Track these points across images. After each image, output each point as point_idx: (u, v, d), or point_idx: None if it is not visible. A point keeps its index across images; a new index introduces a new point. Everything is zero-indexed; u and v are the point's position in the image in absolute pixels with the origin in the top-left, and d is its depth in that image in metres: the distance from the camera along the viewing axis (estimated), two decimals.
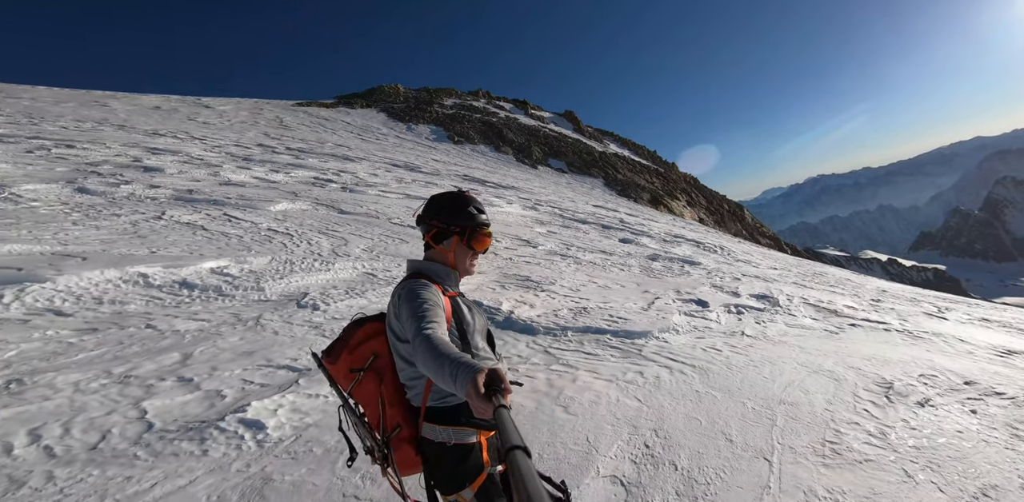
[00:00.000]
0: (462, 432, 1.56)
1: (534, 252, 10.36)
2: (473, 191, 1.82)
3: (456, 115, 49.10)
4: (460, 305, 1.69)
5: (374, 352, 1.64)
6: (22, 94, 28.38)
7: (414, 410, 1.61)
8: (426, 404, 1.57)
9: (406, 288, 1.58)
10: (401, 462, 1.57)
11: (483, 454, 1.60)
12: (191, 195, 10.71)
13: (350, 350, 1.65)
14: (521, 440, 0.83)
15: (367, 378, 1.62)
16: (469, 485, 1.53)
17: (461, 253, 1.75)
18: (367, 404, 1.64)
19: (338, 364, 1.66)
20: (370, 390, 1.61)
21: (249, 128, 30.85)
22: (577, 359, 4.46)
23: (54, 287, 4.68)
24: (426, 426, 1.57)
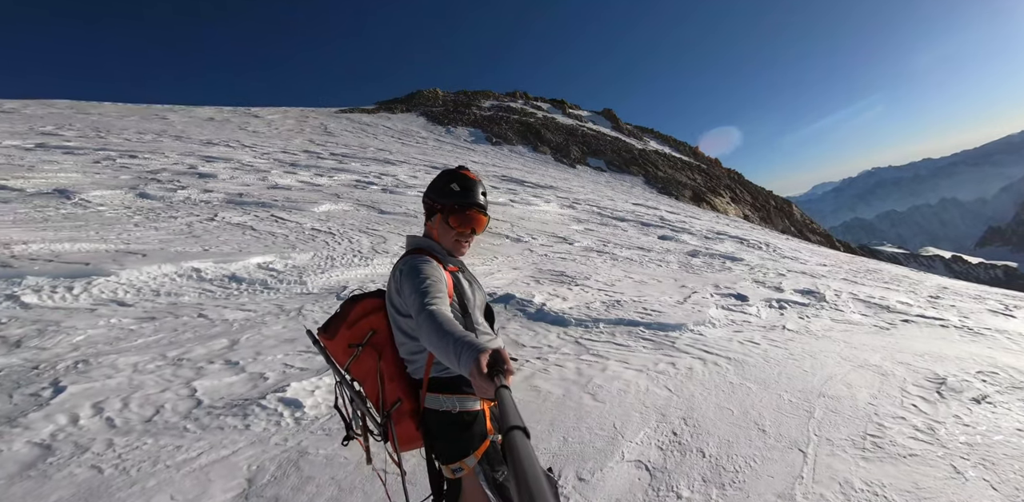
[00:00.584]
0: (466, 399, 1.56)
1: (570, 249, 10.33)
2: (467, 168, 1.75)
3: (494, 117, 49.50)
4: (461, 280, 1.68)
5: (372, 327, 1.63)
6: (91, 110, 30.71)
7: (414, 384, 1.61)
8: (428, 376, 1.57)
9: (408, 263, 1.57)
10: (401, 436, 1.57)
11: (486, 422, 1.60)
12: (241, 198, 11.28)
13: (348, 325, 1.64)
14: (521, 420, 0.84)
15: (365, 353, 1.61)
16: (473, 452, 1.53)
17: (443, 230, 1.71)
18: (365, 379, 1.64)
19: (336, 340, 1.66)
20: (368, 365, 1.61)
21: (296, 135, 32.17)
22: (608, 350, 4.43)
23: (117, 280, 5.07)
24: (429, 396, 1.56)
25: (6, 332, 3.82)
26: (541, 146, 43.06)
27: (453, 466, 1.53)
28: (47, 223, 7.11)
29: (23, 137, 16.92)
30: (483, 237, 10.51)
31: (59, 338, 3.81)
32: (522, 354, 4.28)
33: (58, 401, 2.95)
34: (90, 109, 31.10)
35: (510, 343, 4.57)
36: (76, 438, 2.64)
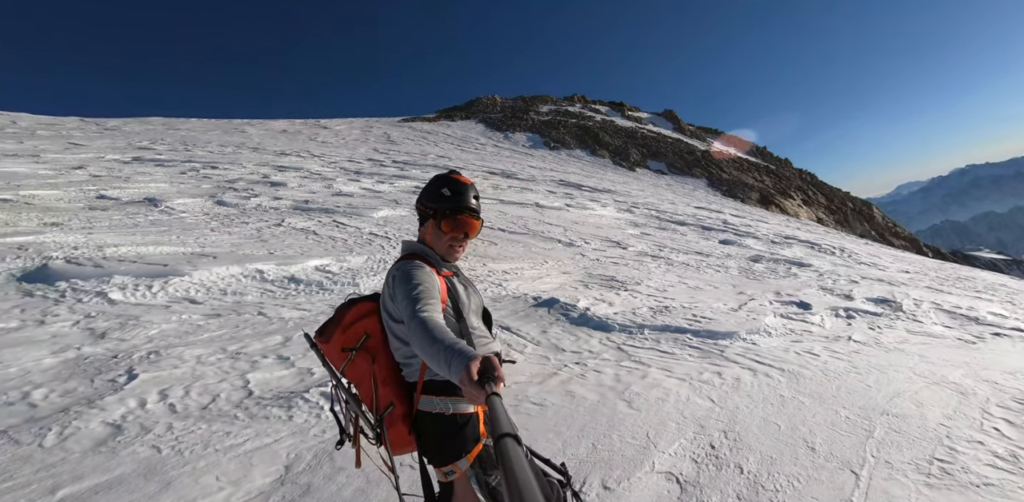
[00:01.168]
0: (459, 402, 1.54)
1: (623, 253, 10.13)
2: (458, 173, 1.74)
3: (552, 121, 49.55)
4: (455, 285, 1.66)
5: (366, 331, 1.63)
6: (180, 126, 33.82)
7: (408, 387, 1.60)
8: (423, 379, 1.55)
9: (400, 269, 1.57)
10: (394, 440, 1.56)
11: (480, 425, 1.57)
12: (307, 205, 11.97)
13: (342, 329, 1.65)
14: (512, 428, 0.84)
15: (359, 357, 1.61)
16: (466, 455, 1.51)
17: (435, 235, 1.70)
18: (360, 383, 1.63)
19: (331, 343, 1.66)
20: (363, 369, 1.61)
21: (360, 144, 33.77)
22: (651, 357, 4.29)
23: (190, 280, 5.53)
24: (423, 399, 1.55)
25: (94, 324, 4.27)
26: (599, 150, 42.57)
27: (445, 469, 1.52)
28: (136, 228, 7.89)
29: (122, 151, 18.89)
30: (535, 242, 10.52)
31: (137, 331, 4.21)
32: (560, 359, 4.24)
33: (130, 387, 3.26)
34: (179, 125, 34.27)
35: (550, 347, 4.53)
36: (142, 420, 2.90)
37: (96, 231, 7.48)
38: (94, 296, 4.86)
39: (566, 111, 55.56)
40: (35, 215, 8.06)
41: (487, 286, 6.65)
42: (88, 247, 6.36)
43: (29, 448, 2.59)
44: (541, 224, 12.76)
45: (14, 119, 29.49)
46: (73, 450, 2.60)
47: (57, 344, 3.85)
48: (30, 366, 3.48)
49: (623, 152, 42.30)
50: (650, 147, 44.23)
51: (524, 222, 12.78)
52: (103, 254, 6.09)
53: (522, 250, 9.57)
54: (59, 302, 4.66)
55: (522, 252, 9.37)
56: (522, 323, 5.15)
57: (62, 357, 3.65)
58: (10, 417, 2.87)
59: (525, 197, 18.04)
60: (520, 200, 16.93)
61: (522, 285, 6.82)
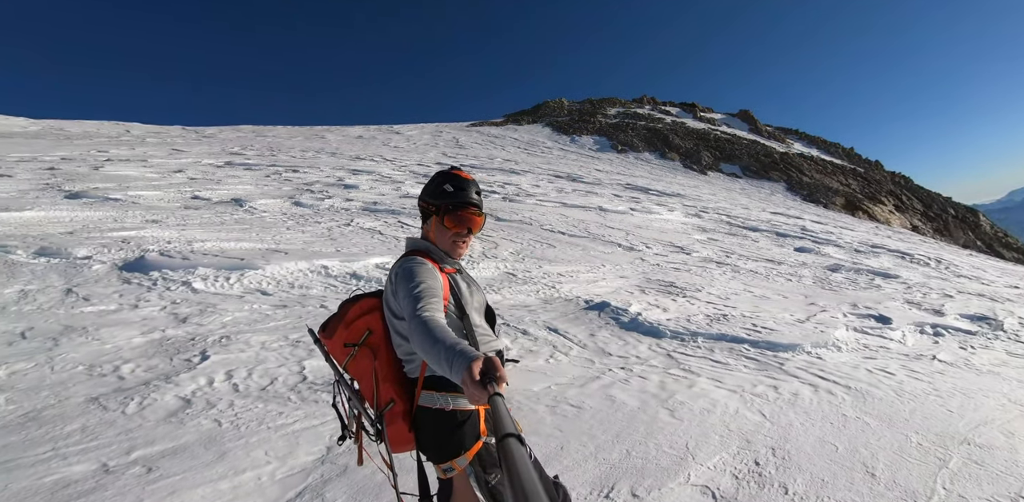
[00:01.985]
0: (459, 398, 1.53)
1: (686, 259, 9.76)
2: (460, 169, 1.71)
3: (619, 124, 48.69)
4: (458, 282, 1.64)
5: (369, 328, 1.63)
6: (267, 133, 36.60)
7: (410, 384, 1.58)
8: (424, 374, 1.54)
9: (403, 266, 1.56)
10: (393, 437, 1.55)
11: (480, 423, 1.55)
12: (375, 206, 12.54)
13: (345, 325, 1.65)
14: (515, 428, 0.83)
15: (361, 353, 1.61)
16: (465, 452, 1.49)
17: (439, 232, 1.67)
18: (361, 379, 1.63)
19: (333, 339, 1.67)
20: (364, 365, 1.61)
21: (430, 149, 34.90)
22: (701, 366, 4.10)
23: (263, 274, 5.98)
24: (424, 394, 1.54)
25: (178, 310, 4.73)
26: (669, 152, 41.27)
27: (444, 466, 1.51)
28: (222, 226, 8.65)
29: (216, 157, 20.76)
30: (594, 245, 10.40)
31: (213, 317, 4.62)
32: (605, 363, 4.15)
33: (202, 366, 3.58)
34: (266, 132, 37.14)
35: (596, 351, 4.46)
36: (208, 397, 3.18)
37: (188, 228, 8.28)
38: (180, 285, 5.38)
39: (634, 113, 54.37)
40: (139, 213, 9.06)
41: (540, 288, 6.65)
42: (179, 242, 7.06)
43: (114, 414, 2.93)
44: (602, 228, 12.57)
45: (128, 128, 33.33)
46: (149, 418, 2.90)
47: (146, 326, 4.30)
48: (122, 344, 3.92)
49: (694, 155, 40.73)
50: (723, 149, 42.26)
51: (585, 226, 12.65)
52: (191, 248, 6.73)
53: (580, 253, 9.49)
54: (151, 289, 5.21)
55: (580, 255, 9.29)
56: (570, 325, 5.10)
57: (149, 337, 4.08)
58: (102, 387, 3.25)
59: (589, 201, 17.87)
60: (583, 204, 16.79)
61: (576, 288, 6.76)
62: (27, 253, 5.95)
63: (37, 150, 18.91)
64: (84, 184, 11.87)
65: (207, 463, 2.52)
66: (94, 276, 5.48)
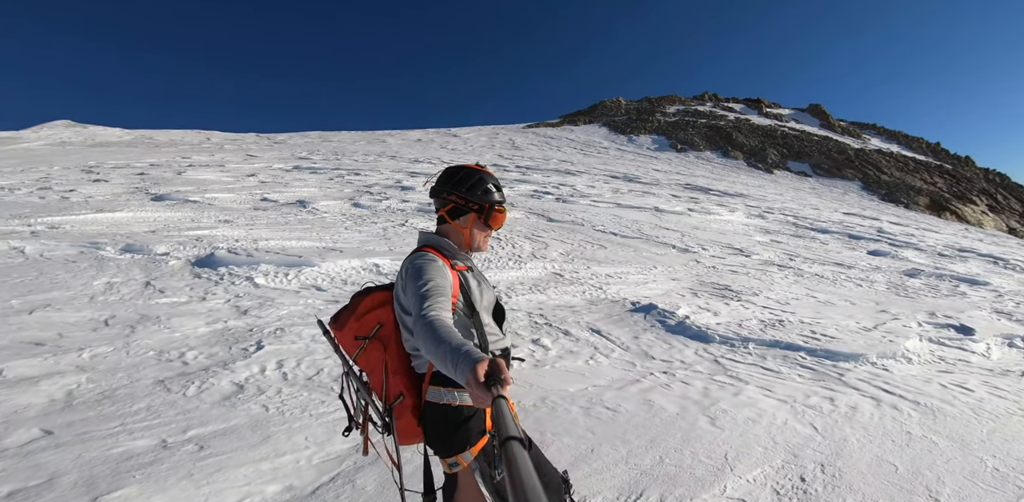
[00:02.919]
0: (466, 394, 1.51)
1: (745, 261, 9.31)
2: (484, 166, 1.72)
3: (679, 122, 47.17)
4: (469, 280, 1.64)
5: (379, 321, 1.63)
6: (332, 138, 38.44)
7: (417, 379, 1.60)
8: (432, 370, 1.56)
9: (413, 263, 1.56)
10: (402, 430, 1.57)
11: (486, 418, 1.55)
12: (429, 207, 12.82)
13: (356, 317, 1.65)
14: (517, 431, 0.84)
15: (372, 346, 1.61)
16: (470, 448, 1.50)
17: (478, 230, 1.70)
18: (371, 372, 1.64)
19: (344, 331, 1.67)
20: (375, 358, 1.61)
21: (487, 151, 35.34)
22: (750, 373, 3.88)
23: (319, 270, 6.28)
24: (431, 389, 1.55)
25: (240, 303, 5.06)
26: (732, 151, 39.51)
27: (450, 460, 1.51)
28: (286, 226, 9.18)
29: (286, 161, 22.04)
30: (646, 246, 10.14)
31: (271, 310, 4.90)
32: (647, 366, 4.03)
33: (256, 355, 3.81)
34: (332, 137, 39.03)
35: (639, 354, 4.33)
36: (259, 383, 3.38)
37: (255, 227, 8.85)
38: (244, 280, 5.76)
39: (695, 111, 52.48)
40: (213, 213, 9.78)
41: (586, 289, 6.56)
42: (246, 240, 7.56)
43: (176, 395, 3.17)
44: (657, 229, 12.23)
45: (208, 136, 36.11)
46: (205, 401, 3.12)
47: (211, 317, 4.64)
48: (189, 333, 4.24)
49: (759, 153, 38.74)
50: (791, 146, 39.90)
51: (639, 226, 12.36)
52: (256, 246, 7.19)
53: (632, 254, 9.28)
54: (218, 283, 5.61)
55: (631, 256, 9.08)
56: (614, 327, 4.99)
57: (212, 327, 4.40)
58: (168, 371, 3.53)
59: (645, 201, 17.45)
60: (639, 204, 16.42)
61: (623, 289, 6.61)
62: (115, 249, 6.58)
63: (130, 157, 20.90)
64: (168, 187, 12.99)
65: (252, 445, 2.67)
66: (170, 271, 5.97)
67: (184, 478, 2.37)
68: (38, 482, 2.31)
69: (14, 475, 2.35)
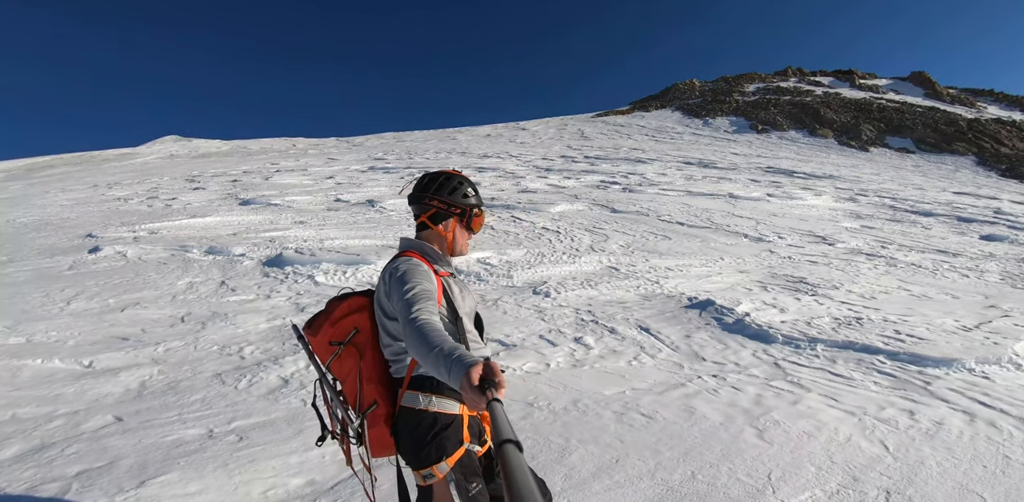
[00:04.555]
0: (444, 401, 1.49)
1: (827, 250, 8.46)
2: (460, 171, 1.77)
3: (759, 101, 43.86)
4: (451, 286, 1.61)
5: (356, 326, 1.59)
6: (405, 138, 39.83)
7: (394, 385, 1.56)
8: (411, 374, 1.52)
9: (397, 267, 1.54)
10: (374, 441, 1.52)
11: (463, 429, 1.50)
12: (492, 202, 12.93)
13: (331, 323, 1.61)
14: (513, 434, 0.82)
15: (346, 352, 1.58)
16: (446, 459, 1.44)
17: (460, 234, 1.72)
18: (345, 379, 1.60)
19: (318, 337, 1.63)
20: (349, 365, 1.58)
21: (555, 143, 35.00)
22: (814, 379, 3.48)
23: (375, 268, 6.51)
24: (408, 394, 1.51)
25: (300, 300, 5.36)
26: (820, 128, 36.11)
27: (424, 472, 1.46)
28: (353, 225, 9.62)
29: (362, 163, 23.16)
30: (715, 236, 9.52)
31: None
32: (695, 369, 3.74)
33: None
34: (405, 137, 40.48)
35: (688, 354, 4.04)
36: (303, 378, 3.54)
37: (325, 227, 9.37)
38: (306, 278, 6.10)
39: (777, 88, 48.38)
40: (290, 216, 10.48)
41: (642, 283, 6.26)
42: (314, 240, 8.01)
43: (228, 388, 3.40)
44: (729, 217, 11.46)
45: (294, 143, 38.82)
46: (253, 394, 3.32)
47: (272, 314, 4.95)
48: (251, 328, 4.55)
49: (852, 129, 35.03)
50: (890, 120, 35.65)
51: (709, 215, 11.64)
52: (321, 246, 7.60)
53: (698, 245, 8.75)
54: (283, 282, 5.98)
55: (697, 247, 8.57)
56: (665, 325, 4.71)
57: (272, 324, 4.69)
58: (227, 365, 3.81)
59: (719, 188, 16.43)
60: (712, 191, 15.49)
61: (682, 283, 6.24)
62: (200, 251, 7.24)
63: (227, 166, 22.98)
64: (255, 192, 14.12)
65: (285, 438, 2.80)
66: (243, 270, 6.46)
67: (220, 467, 2.53)
68: (101, 464, 2.56)
69: (85, 457, 2.62)
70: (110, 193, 14.88)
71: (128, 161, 30.32)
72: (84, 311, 4.94)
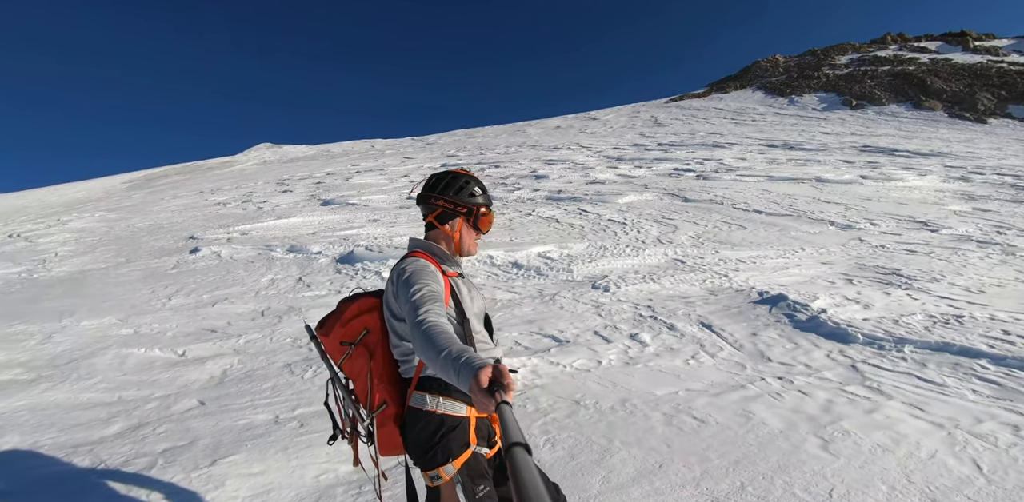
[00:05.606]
0: (451, 403, 1.50)
1: (929, 237, 7.53)
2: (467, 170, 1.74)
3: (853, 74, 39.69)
4: (459, 286, 1.61)
5: (366, 327, 1.62)
6: (476, 134, 40.38)
7: (403, 387, 1.59)
8: (419, 375, 1.54)
9: (405, 268, 1.55)
10: (383, 440, 1.56)
11: (471, 432, 1.50)
12: (559, 195, 12.82)
13: (342, 324, 1.65)
14: (523, 437, 0.83)
15: (357, 352, 1.61)
16: (452, 461, 1.45)
17: (467, 234, 1.71)
18: (356, 378, 1.64)
19: (330, 337, 1.67)
20: (360, 365, 1.61)
21: (627, 131, 33.99)
22: (898, 385, 3.11)
23: None
24: (415, 395, 1.52)
25: None
26: (927, 100, 32.01)
27: (431, 473, 1.47)
28: (421, 222, 9.95)
29: (435, 160, 23.86)
30: (796, 224, 8.80)
31: None
32: (759, 370, 3.49)
33: None
34: (476, 133, 41.08)
35: (753, 354, 3.77)
36: None
37: (396, 225, 9.78)
38: (373, 274, 6.42)
39: (874, 58, 43.33)
40: (365, 214, 11.04)
41: (708, 276, 5.93)
42: (383, 237, 8.39)
43: (296, 378, 3.68)
44: (814, 203, 10.53)
45: (372, 144, 40.71)
46: (316, 383, 3.56)
47: None
48: None
49: (966, 99, 30.67)
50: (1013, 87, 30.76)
51: (791, 201, 10.78)
52: (390, 242, 7.95)
53: (776, 235, 8.13)
54: (353, 278, 6.34)
55: (775, 237, 7.97)
56: (729, 321, 4.42)
57: None
58: (296, 356, 4.11)
59: (804, 171, 15.15)
60: (796, 175, 14.30)
61: (753, 276, 5.83)
62: (283, 250, 7.84)
63: (313, 169, 24.62)
64: (335, 193, 15.02)
65: None
66: (319, 267, 6.92)
67: (281, 451, 2.73)
68: (183, 443, 2.86)
69: (170, 436, 2.95)
70: (212, 198, 16.52)
71: (228, 169, 33.46)
72: (182, 306, 5.54)
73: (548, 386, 3.38)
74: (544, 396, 3.24)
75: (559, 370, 3.64)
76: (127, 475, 2.56)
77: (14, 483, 2.51)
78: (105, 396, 3.53)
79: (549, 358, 3.82)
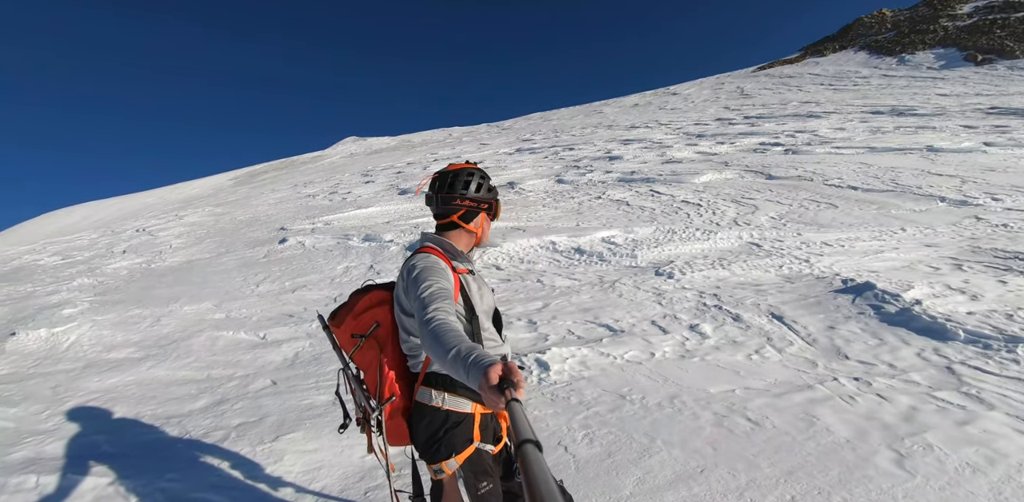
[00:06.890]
0: (456, 399, 1.53)
1: None
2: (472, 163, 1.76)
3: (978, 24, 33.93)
4: (469, 283, 1.60)
5: (377, 320, 1.65)
6: (551, 117, 39.83)
7: (410, 382, 1.61)
8: (426, 370, 1.56)
9: (415, 264, 1.56)
10: (392, 431, 1.59)
11: (475, 427, 1.53)
12: (632, 176, 12.35)
13: (354, 316, 1.68)
14: (533, 434, 0.84)
15: (368, 345, 1.64)
16: (455, 456, 1.48)
17: (487, 226, 1.76)
18: (367, 370, 1.67)
19: (342, 328, 1.71)
20: (370, 357, 1.64)
21: (710, 105, 31.89)
22: (1004, 393, 2.66)
23: (500, 250, 6.75)
24: (421, 390, 1.55)
25: None
26: None
27: (434, 467, 1.52)
28: None
29: (510, 145, 23.89)
30: (898, 201, 7.81)
31: None
32: (832, 369, 3.15)
33: None
34: (551, 116, 40.55)
35: (827, 350, 3.41)
36: None
37: None
38: None
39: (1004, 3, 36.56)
40: None
41: (787, 261, 5.45)
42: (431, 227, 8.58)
43: None
44: (922, 176, 9.26)
45: (449, 132, 41.57)
46: None
47: None
48: None
49: None
50: None
51: (894, 175, 9.56)
52: None
53: (872, 214, 7.28)
54: None
55: (870, 217, 7.13)
56: (804, 312, 4.03)
57: None
58: None
59: (914, 140, 13.35)
60: (903, 145, 12.65)
61: (839, 262, 5.26)
62: (359, 239, 8.30)
63: (394, 159, 25.71)
64: (412, 182, 15.57)
65: None
66: (389, 255, 7.25)
67: (334, 431, 2.92)
68: (254, 419, 3.15)
69: (245, 412, 3.27)
70: (304, 191, 17.83)
71: (319, 162, 35.91)
72: (267, 292, 6.08)
73: (595, 378, 3.31)
74: (589, 388, 3.17)
75: (609, 362, 3.54)
76: (205, 446, 2.87)
77: (119, 447, 2.92)
78: (197, 373, 3.98)
79: (600, 349, 3.72)
